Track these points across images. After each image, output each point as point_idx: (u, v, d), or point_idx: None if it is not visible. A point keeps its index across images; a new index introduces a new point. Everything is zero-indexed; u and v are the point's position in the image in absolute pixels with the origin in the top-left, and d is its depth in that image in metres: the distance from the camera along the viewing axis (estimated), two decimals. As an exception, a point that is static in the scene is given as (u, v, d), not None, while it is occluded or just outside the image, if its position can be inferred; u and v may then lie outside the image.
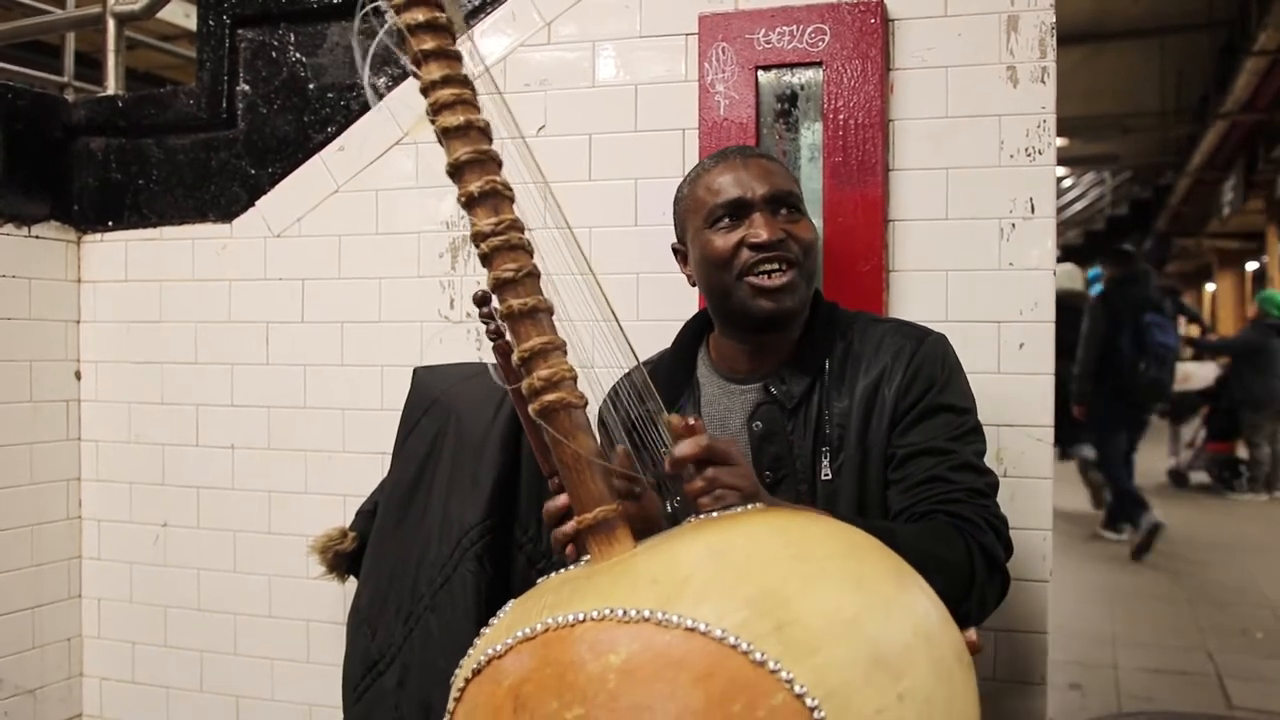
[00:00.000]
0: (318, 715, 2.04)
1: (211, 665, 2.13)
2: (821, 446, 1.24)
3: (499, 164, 0.90)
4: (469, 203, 0.88)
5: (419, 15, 0.87)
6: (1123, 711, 3.09)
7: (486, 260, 0.88)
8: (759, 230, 1.22)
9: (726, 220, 1.24)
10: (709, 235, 1.25)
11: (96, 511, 2.23)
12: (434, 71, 0.88)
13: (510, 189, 0.90)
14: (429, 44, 0.88)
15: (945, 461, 1.18)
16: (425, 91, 0.88)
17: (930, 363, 1.24)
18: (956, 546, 1.10)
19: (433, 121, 0.89)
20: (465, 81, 0.89)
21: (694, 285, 1.33)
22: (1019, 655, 1.61)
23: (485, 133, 0.89)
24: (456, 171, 0.88)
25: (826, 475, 1.23)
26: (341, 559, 1.79)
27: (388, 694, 1.61)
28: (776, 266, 1.22)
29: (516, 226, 0.89)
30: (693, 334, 1.39)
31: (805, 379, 1.26)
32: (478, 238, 0.88)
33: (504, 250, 0.88)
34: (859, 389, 1.24)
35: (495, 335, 1.00)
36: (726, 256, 1.23)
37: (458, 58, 0.90)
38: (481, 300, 1.01)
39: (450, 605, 1.56)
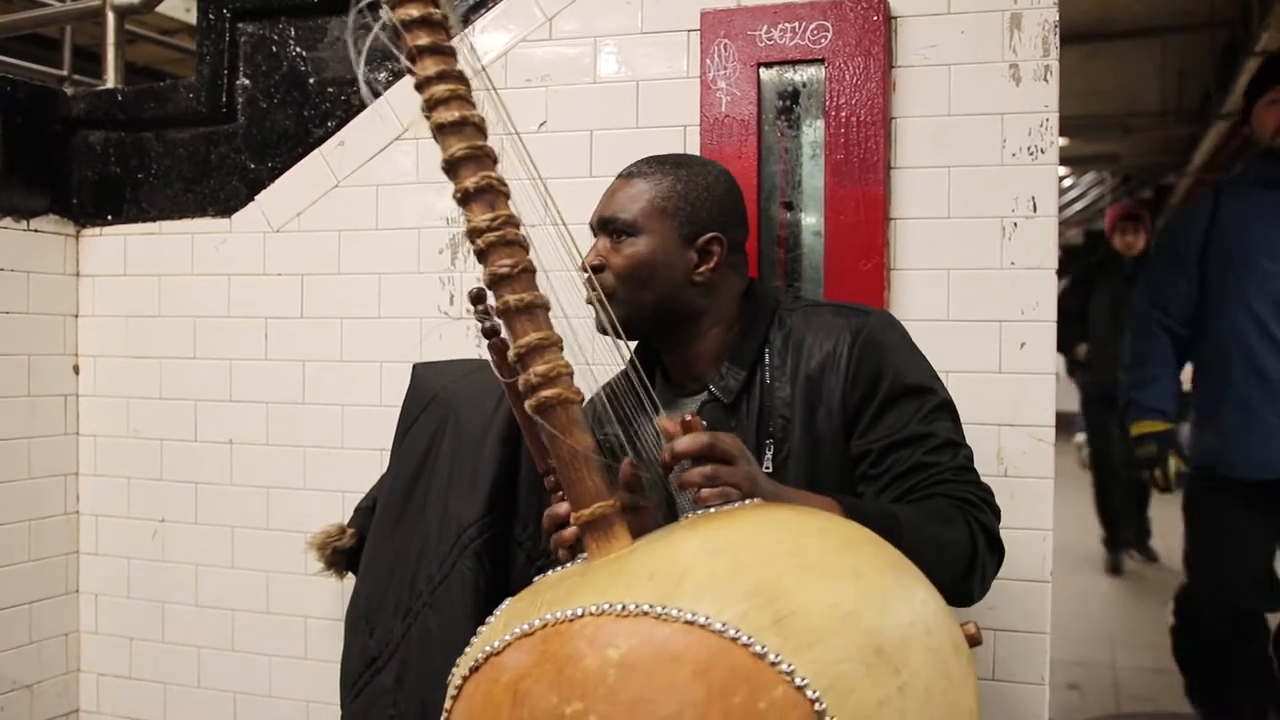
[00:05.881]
0: (315, 712, 2.04)
1: (209, 661, 2.13)
2: (765, 439, 1.21)
3: (495, 159, 0.90)
4: (464, 198, 0.88)
5: (413, 11, 0.87)
6: (1122, 712, 3.09)
7: (482, 256, 0.89)
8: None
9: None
10: None
11: (94, 506, 2.23)
12: (429, 67, 0.88)
13: (506, 184, 0.90)
14: (423, 39, 0.88)
15: (922, 447, 1.16)
16: (420, 87, 0.88)
17: (874, 349, 1.20)
18: (959, 527, 1.10)
19: (428, 117, 0.89)
20: (460, 77, 0.89)
21: None
22: (1018, 655, 1.60)
23: (480, 128, 0.90)
24: (452, 168, 0.89)
25: (767, 468, 1.19)
26: (340, 555, 1.79)
27: (386, 691, 1.61)
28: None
29: (512, 222, 0.89)
30: (647, 348, 1.38)
31: (741, 372, 1.24)
32: (473, 233, 0.88)
33: (500, 246, 0.88)
34: (801, 376, 1.21)
35: (490, 333, 1.00)
36: None
37: (452, 53, 0.90)
38: (477, 298, 1.01)
39: (449, 602, 1.56)
